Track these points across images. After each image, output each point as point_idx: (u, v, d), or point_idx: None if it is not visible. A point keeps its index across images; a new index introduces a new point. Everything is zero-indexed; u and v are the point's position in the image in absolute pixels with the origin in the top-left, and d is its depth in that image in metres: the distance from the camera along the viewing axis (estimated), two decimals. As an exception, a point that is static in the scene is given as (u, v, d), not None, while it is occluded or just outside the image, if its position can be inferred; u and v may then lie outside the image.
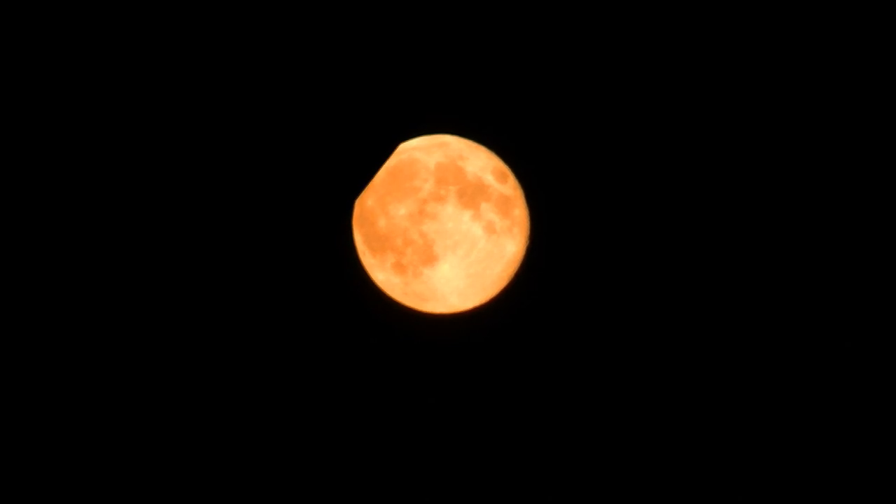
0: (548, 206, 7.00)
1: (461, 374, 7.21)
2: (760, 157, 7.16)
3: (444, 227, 6.46)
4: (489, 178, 6.66)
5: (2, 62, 7.01)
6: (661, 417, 7.20)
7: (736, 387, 7.18)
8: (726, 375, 7.18)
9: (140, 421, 7.13)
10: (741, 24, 7.08)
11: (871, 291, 7.14)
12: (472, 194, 6.53)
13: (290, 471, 7.21)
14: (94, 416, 7.11)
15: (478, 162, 6.70)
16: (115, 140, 7.08)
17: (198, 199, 7.09)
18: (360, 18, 7.06)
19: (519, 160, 6.88)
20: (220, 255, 7.09)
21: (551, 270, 7.09)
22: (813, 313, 7.16)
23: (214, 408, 7.15)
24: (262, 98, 7.07)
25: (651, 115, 7.11)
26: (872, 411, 7.12)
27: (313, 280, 7.10)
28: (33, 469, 7.08)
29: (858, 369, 7.14)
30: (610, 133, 7.09)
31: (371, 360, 7.18)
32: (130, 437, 7.13)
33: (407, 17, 7.05)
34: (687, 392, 7.19)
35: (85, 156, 7.09)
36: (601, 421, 7.21)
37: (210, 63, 7.05)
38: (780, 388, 7.17)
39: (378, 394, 7.21)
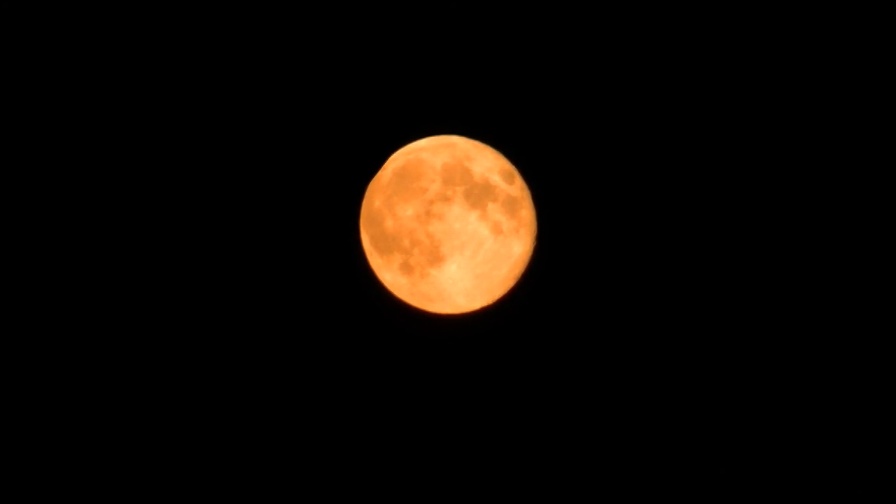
0: (555, 207, 7.00)
1: (468, 373, 7.21)
2: (766, 157, 7.15)
3: (451, 228, 6.45)
4: (496, 179, 6.65)
5: (3, 62, 7.03)
6: (665, 417, 7.20)
7: (737, 386, 7.18)
8: (729, 374, 7.18)
9: (147, 420, 7.14)
10: (743, 24, 7.07)
11: (870, 291, 7.13)
12: (478, 195, 6.52)
13: (298, 469, 7.22)
14: (97, 415, 7.12)
15: (485, 162, 6.69)
16: (130, 147, 7.10)
17: (205, 203, 7.10)
18: (366, 20, 7.06)
19: (526, 161, 6.88)
20: (227, 257, 7.10)
21: (558, 271, 7.09)
22: (815, 314, 7.16)
23: (222, 406, 7.16)
24: (270, 101, 7.08)
25: (657, 117, 7.10)
26: (872, 412, 7.12)
27: (321, 281, 7.11)
28: (34, 469, 7.10)
29: (858, 369, 7.14)
30: (617, 134, 7.09)
31: (378, 359, 7.18)
32: (138, 435, 7.14)
33: (413, 19, 7.05)
34: (690, 392, 7.19)
35: (91, 158, 7.10)
36: (606, 420, 7.21)
37: (219, 68, 7.05)
38: (781, 392, 7.17)
39: (385, 393, 7.21)
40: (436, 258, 6.51)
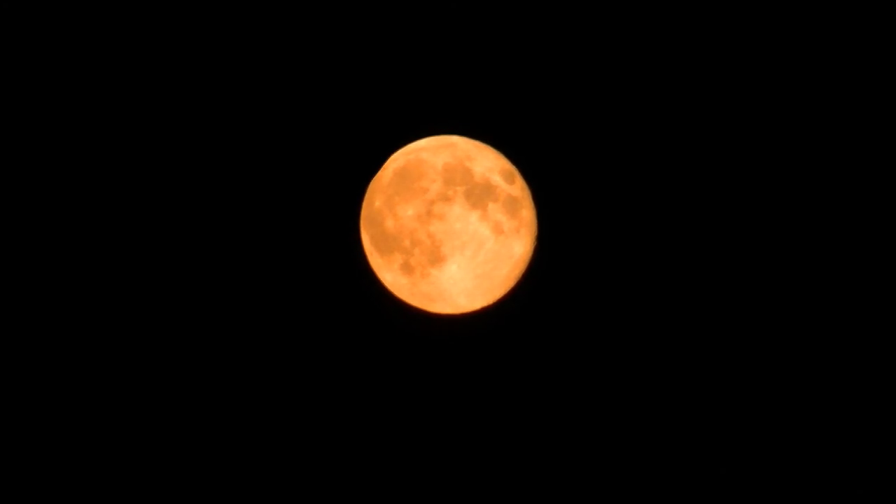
0: (555, 207, 7.00)
1: (468, 373, 7.21)
2: (765, 157, 7.16)
3: (452, 228, 6.45)
4: (497, 179, 6.65)
5: (3, 63, 7.02)
6: (665, 417, 7.20)
7: (737, 386, 7.18)
8: (729, 374, 7.18)
9: (147, 419, 7.13)
10: (743, 24, 7.08)
11: (870, 292, 7.14)
12: (479, 195, 6.52)
13: (298, 468, 7.22)
14: (98, 415, 7.12)
15: (485, 162, 6.69)
16: (131, 148, 7.09)
17: (206, 203, 7.10)
18: (366, 20, 7.06)
19: (526, 161, 6.88)
20: (228, 257, 7.10)
21: (559, 271, 7.09)
22: (815, 314, 7.17)
23: (223, 406, 7.16)
24: (270, 102, 7.08)
25: (657, 117, 7.11)
26: (872, 412, 7.13)
27: (321, 281, 7.10)
28: (33, 469, 7.09)
29: (858, 369, 7.14)
30: (618, 134, 7.09)
31: (378, 359, 7.18)
32: (138, 435, 7.13)
33: (414, 19, 7.05)
34: (690, 392, 7.19)
35: (91, 158, 7.10)
36: (606, 420, 7.21)
37: (219, 69, 7.05)
38: (781, 392, 7.18)
39: (385, 393, 7.21)
40: (436, 258, 6.51)
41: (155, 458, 7.13)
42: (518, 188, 6.76)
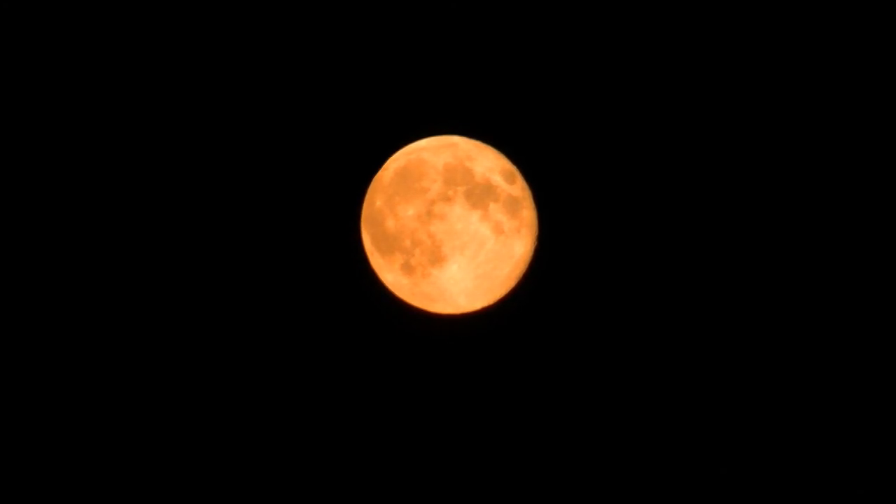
0: (556, 207, 7.00)
1: (468, 373, 7.21)
2: (765, 157, 7.17)
3: (453, 228, 6.45)
4: (497, 179, 6.65)
5: (4, 63, 7.02)
6: (665, 417, 7.21)
7: (737, 386, 7.19)
8: (729, 374, 7.19)
9: (148, 419, 7.13)
10: (743, 24, 7.09)
11: (871, 292, 7.15)
12: (480, 195, 6.53)
13: (298, 468, 7.22)
14: (98, 415, 7.12)
15: (486, 162, 6.69)
16: (131, 148, 7.09)
17: (207, 203, 7.10)
18: (367, 20, 7.06)
19: (527, 161, 6.88)
20: (229, 258, 7.10)
21: (559, 271, 7.09)
22: (815, 314, 7.18)
23: (224, 406, 7.15)
24: (270, 102, 7.08)
25: (658, 117, 7.11)
26: (872, 412, 7.14)
27: (322, 281, 7.10)
28: (33, 469, 7.09)
29: (858, 369, 7.15)
30: (619, 134, 7.09)
31: (379, 360, 7.18)
32: (139, 435, 7.13)
33: (414, 19, 7.05)
34: (691, 392, 7.20)
35: (91, 158, 7.10)
36: (606, 420, 7.21)
37: (219, 69, 7.05)
38: (781, 392, 7.18)
39: (386, 393, 7.21)
40: (437, 258, 6.51)
41: (156, 458, 7.13)
42: (518, 188, 6.76)
